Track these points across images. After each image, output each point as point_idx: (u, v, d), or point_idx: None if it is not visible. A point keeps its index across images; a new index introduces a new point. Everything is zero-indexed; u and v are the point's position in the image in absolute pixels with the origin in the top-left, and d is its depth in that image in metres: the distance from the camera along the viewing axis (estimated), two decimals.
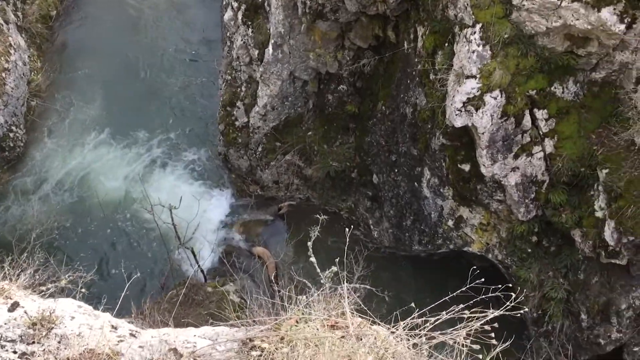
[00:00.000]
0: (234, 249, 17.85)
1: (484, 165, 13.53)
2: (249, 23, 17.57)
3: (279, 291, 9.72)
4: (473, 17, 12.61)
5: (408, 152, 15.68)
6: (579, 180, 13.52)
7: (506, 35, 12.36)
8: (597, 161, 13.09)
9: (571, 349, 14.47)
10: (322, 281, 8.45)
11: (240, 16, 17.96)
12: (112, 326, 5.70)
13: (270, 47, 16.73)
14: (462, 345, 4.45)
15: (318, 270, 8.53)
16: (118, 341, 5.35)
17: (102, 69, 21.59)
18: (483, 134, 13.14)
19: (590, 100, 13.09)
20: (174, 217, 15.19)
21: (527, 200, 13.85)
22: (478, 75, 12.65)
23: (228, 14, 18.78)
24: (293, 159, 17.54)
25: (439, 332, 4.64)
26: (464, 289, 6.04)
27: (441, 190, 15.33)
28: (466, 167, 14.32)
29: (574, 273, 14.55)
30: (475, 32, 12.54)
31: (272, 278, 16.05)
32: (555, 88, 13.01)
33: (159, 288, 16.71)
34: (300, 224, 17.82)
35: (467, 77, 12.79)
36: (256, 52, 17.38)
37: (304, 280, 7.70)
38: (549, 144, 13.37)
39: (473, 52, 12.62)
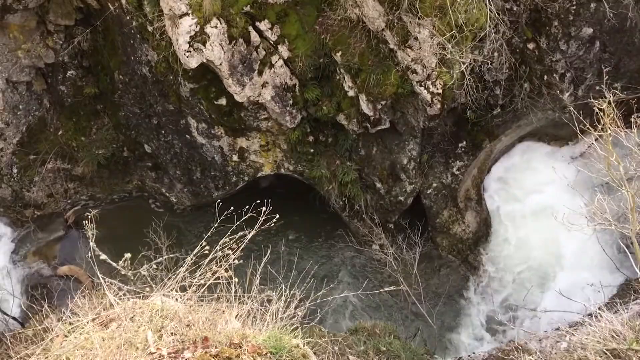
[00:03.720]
0: (39, 280, 16.40)
1: (235, 93, 13.67)
2: None
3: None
4: None
5: (165, 110, 15.26)
6: (323, 71, 14.28)
7: None
8: (329, 48, 13.89)
9: (379, 217, 15.89)
10: (123, 272, 8.11)
11: None
12: None
13: None
14: (223, 277, 4.57)
15: (114, 264, 8.15)
16: None
17: None
18: (221, 64, 13.16)
19: None
20: None
21: (288, 108, 14.37)
22: (190, 11, 12.45)
23: None
24: (55, 165, 16.19)
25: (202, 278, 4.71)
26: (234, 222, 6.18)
27: (212, 132, 15.31)
28: (223, 102, 14.37)
29: (356, 152, 15.71)
30: None
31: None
32: None
33: None
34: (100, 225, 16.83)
35: (181, 16, 12.53)
36: None
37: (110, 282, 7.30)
38: (283, 50, 13.82)
39: None
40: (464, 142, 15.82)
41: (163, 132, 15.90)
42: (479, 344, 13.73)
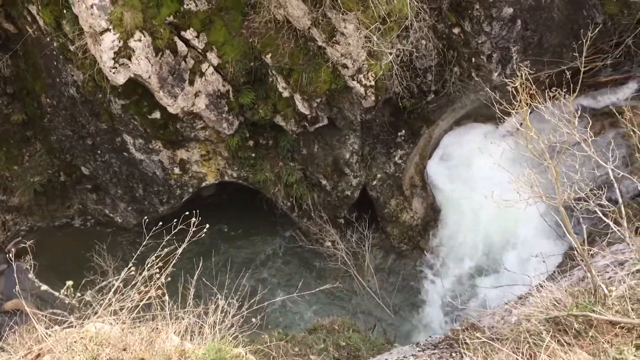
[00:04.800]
0: None
1: (168, 105, 13.46)
2: None
3: None
4: None
5: (99, 129, 14.88)
6: (255, 75, 14.20)
7: None
8: (259, 50, 13.83)
9: (328, 214, 15.95)
10: (66, 301, 7.87)
11: None
12: None
13: None
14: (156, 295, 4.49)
15: (56, 294, 7.89)
16: None
17: None
18: (150, 77, 12.93)
19: (224, 1, 13.49)
20: None
21: (224, 115, 14.24)
22: (110, 27, 12.18)
23: None
24: None
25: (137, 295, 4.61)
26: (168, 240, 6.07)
27: (150, 146, 15.02)
28: (157, 115, 14.12)
29: (298, 152, 15.70)
30: None
31: None
32: (187, 5, 13.13)
33: None
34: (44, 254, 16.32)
35: (102, 33, 12.24)
36: None
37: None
38: (212, 57, 13.67)
39: (92, 6, 12.01)
40: (403, 131, 16.04)
41: (99, 152, 15.51)
42: (437, 327, 13.97)
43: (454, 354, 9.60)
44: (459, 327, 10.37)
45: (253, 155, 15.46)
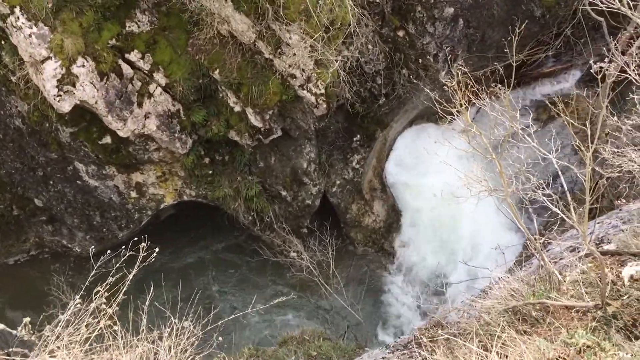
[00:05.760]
0: None
1: (118, 129, 13.27)
2: None
3: None
4: (6, 4, 11.63)
5: (49, 159, 14.57)
6: (205, 91, 14.12)
7: (50, 5, 11.73)
8: (206, 67, 13.76)
9: (290, 224, 15.92)
10: (25, 338, 7.64)
11: None
12: None
13: None
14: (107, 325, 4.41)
15: (14, 332, 7.66)
16: None
17: None
18: (96, 103, 12.74)
19: (166, 21, 13.41)
20: None
21: (176, 135, 14.11)
22: (51, 55, 11.96)
23: None
24: None
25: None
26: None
27: (104, 172, 14.77)
28: (107, 140, 13.91)
29: (255, 165, 15.65)
30: (18, 17, 11.63)
31: None
32: (129, 27, 13.00)
33: None
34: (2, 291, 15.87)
35: (43, 61, 12.01)
36: None
37: None
38: (159, 77, 13.55)
39: (31, 35, 11.78)
40: (358, 136, 16.17)
41: (51, 182, 15.17)
42: (407, 327, 14.05)
43: (422, 353, 9.67)
44: (425, 325, 10.46)
45: (210, 172, 15.35)
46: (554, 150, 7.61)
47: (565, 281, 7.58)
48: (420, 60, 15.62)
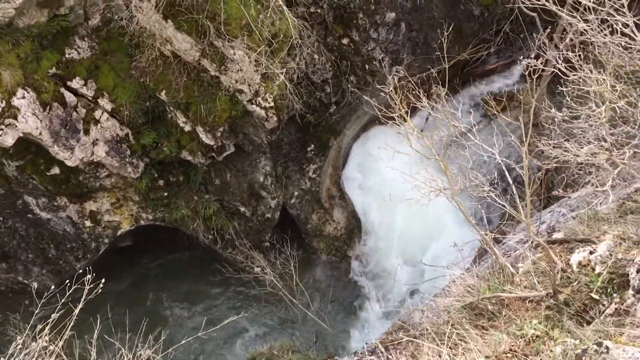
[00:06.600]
0: None
1: (65, 159, 12.99)
2: None
3: None
4: None
5: None
6: (153, 113, 13.97)
7: None
8: (152, 89, 13.61)
9: (252, 240, 15.83)
10: None
11: None
12: None
13: None
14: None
15: None
16: None
17: None
18: (41, 134, 12.45)
19: (107, 45, 13.23)
20: None
21: (127, 159, 13.89)
22: None
23: None
24: None
25: None
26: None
27: (55, 204, 14.41)
28: (56, 170, 13.60)
29: (211, 183, 15.53)
30: None
31: None
32: (69, 54, 12.78)
33: None
34: None
35: None
36: None
37: None
38: (104, 103, 13.34)
39: None
40: (312, 145, 16.21)
41: (1, 218, 14.70)
42: (374, 332, 14.10)
43: (389, 357, 9.71)
44: (390, 329, 10.54)
45: (166, 194, 15.14)
46: (496, 146, 7.78)
47: (518, 273, 7.74)
48: (366, 67, 15.80)
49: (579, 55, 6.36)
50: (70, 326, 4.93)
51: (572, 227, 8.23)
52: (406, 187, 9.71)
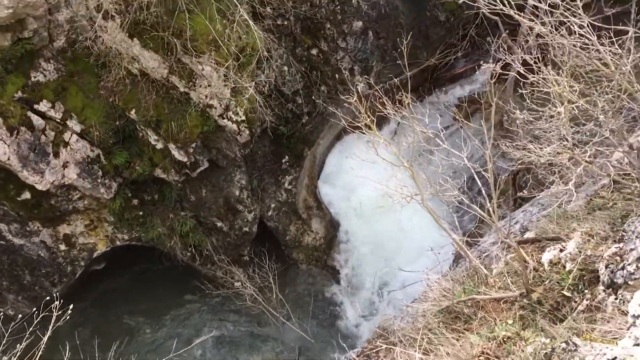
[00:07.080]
0: None
1: (36, 183, 12.81)
2: None
3: None
4: None
5: None
6: (123, 133, 13.84)
7: None
8: (122, 108, 13.51)
9: (231, 254, 15.74)
10: None
11: None
12: None
13: None
14: None
15: None
16: None
17: None
18: (9, 159, 12.28)
19: (73, 66, 13.11)
20: None
21: (99, 180, 13.75)
22: None
23: None
24: None
25: None
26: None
27: (27, 229, 14.17)
28: (27, 195, 13.37)
29: (186, 200, 15.41)
30: None
31: None
32: (35, 77, 12.64)
33: None
34: None
35: None
36: None
37: None
38: (73, 124, 13.19)
39: None
40: (286, 157, 16.21)
41: None
42: (357, 340, 14.09)
43: None
44: (371, 337, 10.54)
45: (141, 213, 14.99)
46: (464, 150, 7.87)
47: (491, 274, 7.81)
48: (337, 76, 15.89)
49: (537, 57, 6.47)
50: (39, 355, 4.84)
51: (542, 226, 8.34)
52: (377, 194, 9.76)
